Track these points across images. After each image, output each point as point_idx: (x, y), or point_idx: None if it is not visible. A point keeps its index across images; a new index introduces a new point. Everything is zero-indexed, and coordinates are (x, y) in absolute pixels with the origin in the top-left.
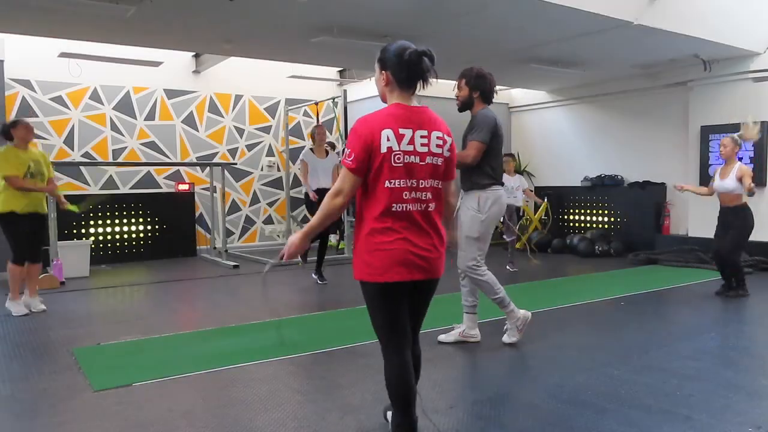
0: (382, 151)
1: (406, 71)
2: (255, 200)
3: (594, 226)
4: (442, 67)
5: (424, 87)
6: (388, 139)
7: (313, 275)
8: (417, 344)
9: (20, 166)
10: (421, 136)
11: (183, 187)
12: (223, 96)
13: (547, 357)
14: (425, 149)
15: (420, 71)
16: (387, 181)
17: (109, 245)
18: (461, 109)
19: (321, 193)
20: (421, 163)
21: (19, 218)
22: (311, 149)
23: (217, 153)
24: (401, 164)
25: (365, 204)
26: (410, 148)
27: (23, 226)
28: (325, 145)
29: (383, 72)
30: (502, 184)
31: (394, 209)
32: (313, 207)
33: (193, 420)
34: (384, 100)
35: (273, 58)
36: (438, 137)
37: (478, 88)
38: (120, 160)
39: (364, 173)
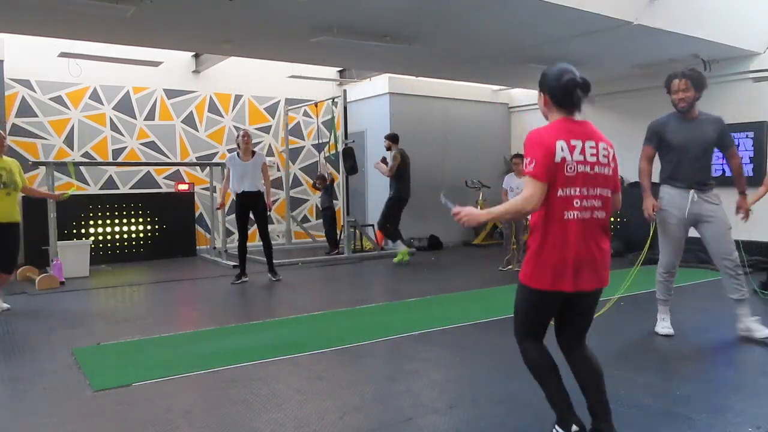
0: (556, 161)
1: (561, 95)
2: None
3: None
4: (441, 68)
5: (578, 111)
6: (562, 150)
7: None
8: (587, 352)
9: None
10: (590, 147)
11: (183, 187)
12: (223, 96)
13: None
14: (594, 159)
15: (573, 99)
16: (560, 190)
17: (109, 245)
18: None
19: (244, 196)
20: (591, 172)
21: None
22: (237, 154)
23: (216, 153)
24: (574, 173)
25: (538, 212)
26: (581, 158)
27: None
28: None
29: (541, 93)
30: None
31: (565, 217)
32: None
33: (193, 420)
34: (546, 118)
35: (273, 58)
36: (604, 148)
37: None
38: (120, 160)
39: (548, 179)
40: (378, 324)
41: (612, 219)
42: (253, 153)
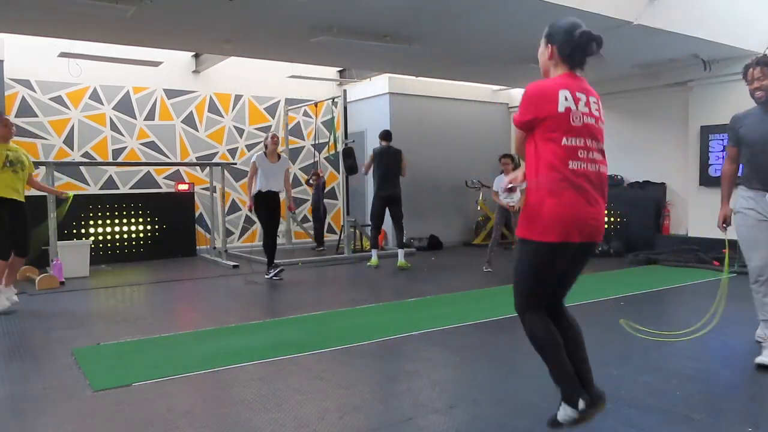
0: (559, 111)
1: (571, 49)
2: None
3: None
4: (441, 68)
5: (582, 68)
6: (566, 99)
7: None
8: (566, 310)
9: None
10: (594, 101)
11: (183, 187)
12: (223, 96)
13: None
14: (597, 113)
15: (585, 53)
16: (564, 139)
17: (109, 245)
18: None
19: (269, 195)
20: (596, 125)
21: None
22: (264, 153)
23: (216, 153)
24: (580, 124)
25: (540, 162)
26: (587, 110)
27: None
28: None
29: (549, 45)
30: None
31: (570, 167)
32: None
33: (193, 420)
34: (545, 75)
35: (273, 58)
36: (600, 104)
37: None
38: (120, 160)
39: (527, 129)
40: (378, 324)
41: (612, 219)
42: (279, 156)
